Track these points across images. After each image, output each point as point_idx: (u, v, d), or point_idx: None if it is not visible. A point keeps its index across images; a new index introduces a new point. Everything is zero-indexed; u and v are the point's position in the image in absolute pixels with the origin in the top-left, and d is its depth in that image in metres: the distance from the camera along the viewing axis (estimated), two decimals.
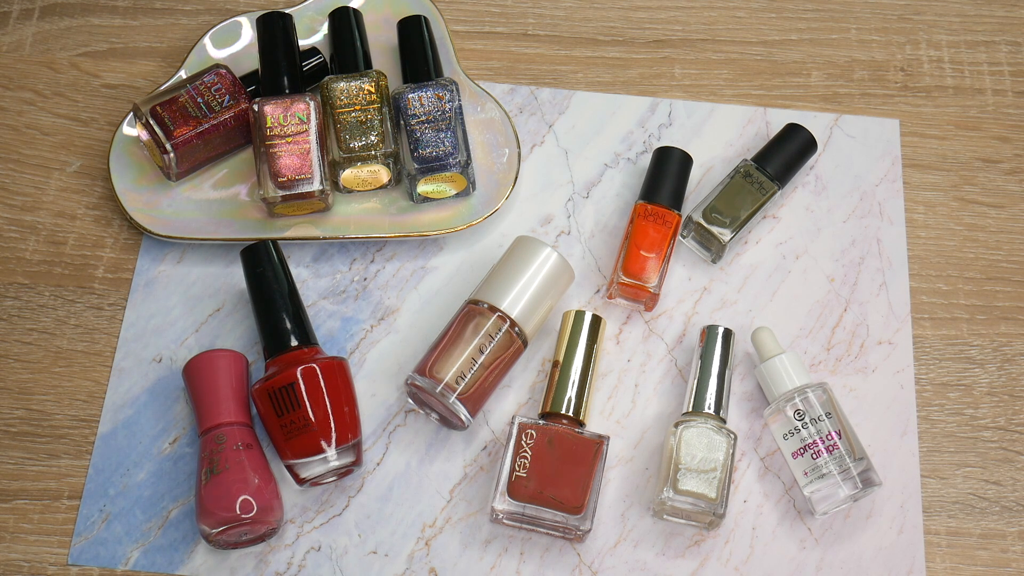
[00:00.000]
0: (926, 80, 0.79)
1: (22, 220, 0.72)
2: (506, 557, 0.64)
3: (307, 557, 0.64)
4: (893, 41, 0.80)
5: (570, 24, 0.80)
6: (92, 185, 0.73)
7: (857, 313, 0.71)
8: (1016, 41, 0.80)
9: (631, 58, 0.79)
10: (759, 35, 0.80)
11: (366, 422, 0.67)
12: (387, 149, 0.69)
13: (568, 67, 0.78)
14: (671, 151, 0.71)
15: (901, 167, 0.75)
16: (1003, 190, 0.75)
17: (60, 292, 0.70)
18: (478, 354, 0.64)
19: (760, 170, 0.71)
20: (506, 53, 0.79)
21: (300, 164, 0.68)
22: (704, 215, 0.70)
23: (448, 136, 0.69)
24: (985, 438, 0.68)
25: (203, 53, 0.75)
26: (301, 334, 0.65)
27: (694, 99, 0.77)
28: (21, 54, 0.78)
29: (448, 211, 0.71)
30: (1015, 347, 0.71)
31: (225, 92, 0.70)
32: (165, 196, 0.71)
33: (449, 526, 0.65)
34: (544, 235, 0.72)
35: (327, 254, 0.72)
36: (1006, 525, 0.66)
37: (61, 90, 0.76)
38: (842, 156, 0.75)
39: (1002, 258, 0.73)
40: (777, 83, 0.78)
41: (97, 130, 0.75)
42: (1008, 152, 0.76)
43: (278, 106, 0.68)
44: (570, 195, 0.74)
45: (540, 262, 0.66)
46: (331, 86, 0.69)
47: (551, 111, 0.76)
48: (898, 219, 0.73)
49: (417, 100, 0.70)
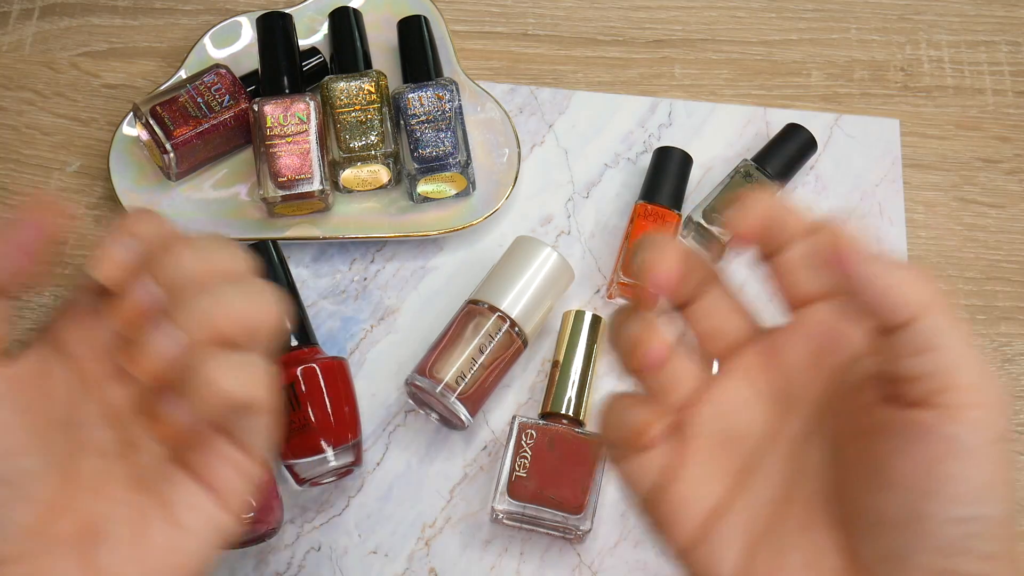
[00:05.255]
0: (926, 80, 0.79)
1: None
2: (506, 557, 0.64)
3: (307, 557, 0.64)
4: (893, 41, 0.80)
5: (570, 24, 0.80)
6: (92, 185, 0.73)
7: None
8: (1016, 41, 0.80)
9: (631, 58, 0.79)
10: (759, 35, 0.80)
11: (366, 422, 0.67)
12: (387, 149, 0.69)
13: (568, 67, 0.78)
14: (671, 151, 0.71)
15: (901, 167, 0.75)
16: (1003, 190, 0.75)
17: (60, 292, 0.70)
18: (478, 354, 0.64)
19: (760, 170, 0.71)
20: (506, 53, 0.79)
21: (300, 164, 0.68)
22: (704, 215, 0.70)
23: (448, 136, 0.69)
24: None
25: (203, 53, 0.75)
26: (301, 334, 0.65)
27: (694, 99, 0.77)
28: (21, 54, 0.78)
29: (448, 211, 0.71)
30: (1015, 347, 0.71)
31: (225, 92, 0.70)
32: (165, 196, 0.71)
33: (449, 526, 0.65)
34: (544, 235, 0.72)
35: (327, 254, 0.72)
36: None
37: (61, 90, 0.76)
38: (842, 156, 0.75)
39: (1002, 258, 0.73)
40: (777, 83, 0.78)
41: (97, 130, 0.75)
42: (1008, 152, 0.76)
43: (278, 106, 0.68)
44: (570, 195, 0.74)
45: (540, 262, 0.66)
46: (331, 86, 0.69)
47: (551, 111, 0.76)
48: (898, 219, 0.73)
49: (417, 100, 0.70)
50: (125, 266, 0.36)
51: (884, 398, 0.35)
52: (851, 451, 0.36)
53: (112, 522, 0.37)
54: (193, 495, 0.39)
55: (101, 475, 0.38)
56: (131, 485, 0.38)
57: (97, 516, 0.37)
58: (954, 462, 0.33)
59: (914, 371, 0.33)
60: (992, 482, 0.33)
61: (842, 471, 0.36)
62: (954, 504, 0.33)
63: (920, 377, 0.33)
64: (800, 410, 0.38)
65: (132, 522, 0.37)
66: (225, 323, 0.35)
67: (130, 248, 0.37)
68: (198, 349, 0.35)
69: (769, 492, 0.38)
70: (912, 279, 0.34)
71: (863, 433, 0.35)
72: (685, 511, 0.38)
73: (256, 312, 0.37)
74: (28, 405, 0.36)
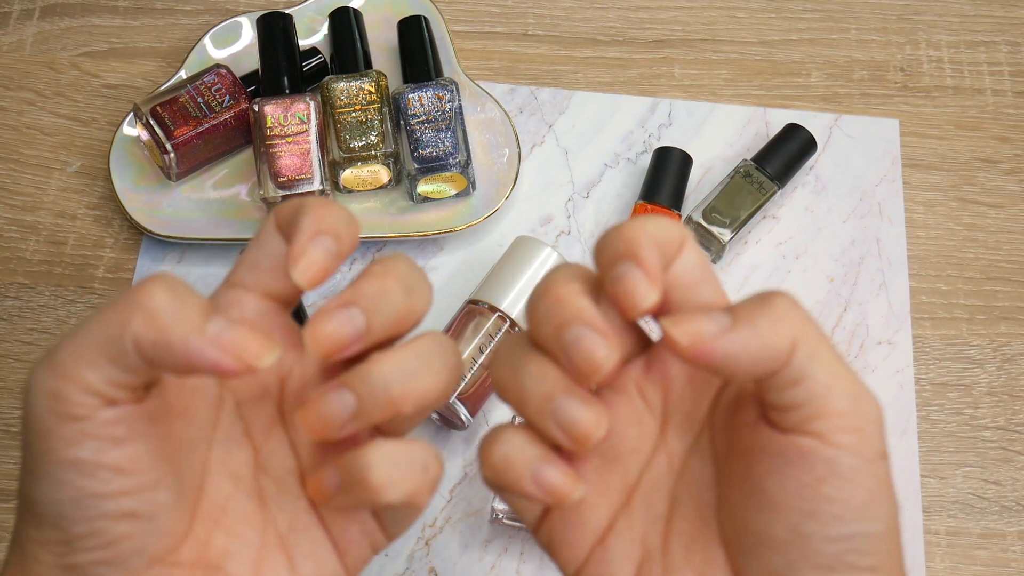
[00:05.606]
0: (926, 80, 0.79)
1: (22, 220, 0.72)
2: (506, 557, 0.64)
3: None
4: (893, 41, 0.80)
5: (570, 24, 0.80)
6: (92, 185, 0.73)
7: (857, 313, 0.71)
8: (1016, 41, 0.80)
9: (631, 58, 0.79)
10: (759, 35, 0.80)
11: None
12: (387, 149, 0.69)
13: (568, 67, 0.78)
14: (671, 151, 0.71)
15: (901, 167, 0.75)
16: (1003, 190, 0.75)
17: (60, 292, 0.70)
18: (478, 354, 0.64)
19: (760, 170, 0.71)
20: (506, 53, 0.79)
21: (300, 164, 0.68)
22: (704, 215, 0.70)
23: (448, 136, 0.69)
24: (985, 438, 0.68)
25: (203, 53, 0.75)
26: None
27: (694, 99, 0.77)
28: (21, 54, 0.78)
29: (448, 211, 0.71)
30: (1015, 347, 0.71)
31: (225, 92, 0.70)
32: (165, 196, 0.71)
33: (449, 526, 0.65)
34: (544, 235, 0.72)
35: None
36: (1006, 525, 0.66)
37: (61, 90, 0.76)
38: (842, 156, 0.75)
39: (1002, 258, 0.73)
40: (777, 83, 0.78)
41: (97, 130, 0.75)
42: (1008, 152, 0.76)
43: (278, 106, 0.68)
44: (570, 195, 0.74)
45: (540, 262, 0.66)
46: (331, 86, 0.69)
47: (551, 111, 0.76)
48: (898, 219, 0.74)
49: (417, 100, 0.70)
50: (327, 273, 0.35)
51: (763, 418, 0.34)
52: (734, 469, 0.35)
53: (233, 559, 0.36)
54: (318, 545, 0.38)
55: (227, 504, 0.37)
56: (256, 521, 0.37)
57: (218, 552, 0.36)
58: (833, 484, 0.33)
59: (785, 402, 0.33)
60: (872, 500, 0.33)
61: (725, 488, 0.36)
62: (835, 524, 0.33)
63: (792, 407, 0.33)
64: (686, 426, 0.37)
65: (252, 563, 0.37)
66: (404, 403, 0.35)
67: (330, 251, 0.35)
68: (365, 442, 0.35)
69: (658, 509, 0.37)
70: (775, 320, 0.32)
71: (744, 451, 0.35)
72: (575, 533, 0.37)
73: (438, 390, 0.36)
74: (166, 432, 0.35)
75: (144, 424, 0.34)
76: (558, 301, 0.35)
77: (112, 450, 0.33)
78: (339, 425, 0.35)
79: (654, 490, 0.37)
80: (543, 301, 0.35)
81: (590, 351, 0.33)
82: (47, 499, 0.33)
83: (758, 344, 0.32)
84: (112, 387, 0.32)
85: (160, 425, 0.35)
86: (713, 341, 0.32)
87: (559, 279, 0.36)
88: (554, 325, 0.34)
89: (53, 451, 0.33)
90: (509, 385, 0.36)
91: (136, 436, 0.33)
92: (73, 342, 0.33)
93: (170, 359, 0.32)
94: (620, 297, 0.34)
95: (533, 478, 0.35)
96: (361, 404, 0.35)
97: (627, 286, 0.34)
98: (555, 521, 0.38)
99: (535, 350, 0.35)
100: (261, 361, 0.32)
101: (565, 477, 0.35)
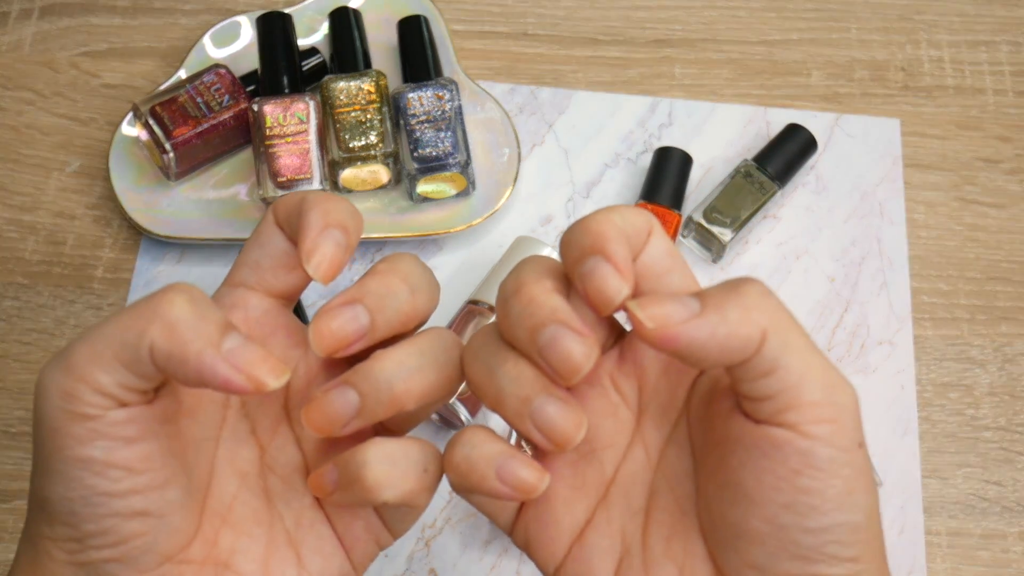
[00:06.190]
0: (927, 80, 0.79)
1: (21, 220, 0.72)
2: (506, 557, 0.64)
3: None
4: (893, 41, 0.80)
5: (570, 24, 0.80)
6: (91, 185, 0.73)
7: (857, 313, 0.71)
8: (1016, 41, 0.80)
9: (631, 58, 0.79)
10: (759, 35, 0.80)
11: None
12: (387, 149, 0.69)
13: (568, 67, 0.78)
14: (671, 151, 0.71)
15: (902, 167, 0.75)
16: (1004, 190, 0.75)
17: (59, 292, 0.70)
18: None
19: (760, 170, 0.71)
20: (506, 53, 0.78)
21: (300, 164, 0.68)
22: (704, 215, 0.70)
23: (448, 136, 0.69)
24: (986, 438, 0.68)
25: (203, 53, 0.75)
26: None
27: (694, 99, 0.77)
28: (20, 54, 0.77)
29: (448, 211, 0.71)
30: (1016, 347, 0.70)
31: (225, 92, 0.70)
32: (165, 196, 0.71)
33: (449, 526, 0.65)
34: (544, 235, 0.72)
35: None
36: (1007, 525, 0.66)
37: (60, 90, 0.76)
38: (842, 156, 0.75)
39: (1003, 258, 0.73)
40: (777, 83, 0.78)
41: (97, 130, 0.75)
42: (1009, 152, 0.76)
43: (278, 106, 0.68)
44: (570, 195, 0.74)
45: None
46: (331, 86, 0.69)
47: (551, 111, 0.76)
48: (899, 219, 0.73)
49: (417, 100, 0.69)
50: (341, 266, 0.35)
51: (737, 408, 0.34)
52: (710, 460, 0.35)
53: (242, 556, 0.36)
54: (325, 542, 0.38)
55: (234, 502, 0.37)
56: (263, 518, 0.37)
57: (227, 549, 0.36)
58: (809, 476, 0.32)
59: (758, 393, 0.32)
60: (850, 490, 0.33)
61: (702, 480, 0.35)
62: (813, 515, 0.32)
63: (765, 398, 0.32)
64: (662, 417, 0.37)
65: (260, 559, 0.37)
66: (407, 399, 0.35)
67: (340, 244, 0.35)
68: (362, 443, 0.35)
69: (637, 503, 0.37)
70: (744, 307, 0.32)
71: (720, 442, 0.34)
72: (552, 531, 0.37)
73: (442, 387, 0.36)
74: (175, 432, 0.35)
75: (154, 424, 0.34)
76: (532, 301, 0.34)
77: (123, 449, 0.33)
78: (343, 422, 0.35)
79: (632, 483, 0.37)
80: (515, 301, 0.34)
81: (567, 352, 0.33)
82: (58, 497, 0.33)
83: (725, 331, 0.31)
84: (123, 390, 0.33)
85: (170, 424, 0.35)
86: (679, 326, 0.31)
87: (528, 277, 0.35)
88: (528, 327, 0.34)
89: (64, 449, 0.33)
90: (485, 386, 0.35)
91: (146, 435, 0.34)
92: (88, 343, 0.33)
93: (183, 371, 0.32)
94: (591, 294, 0.33)
95: (497, 475, 0.35)
96: (364, 401, 0.35)
97: (597, 282, 0.33)
98: (530, 520, 0.38)
99: (510, 349, 0.35)
100: (271, 383, 0.33)
101: (529, 469, 0.35)
